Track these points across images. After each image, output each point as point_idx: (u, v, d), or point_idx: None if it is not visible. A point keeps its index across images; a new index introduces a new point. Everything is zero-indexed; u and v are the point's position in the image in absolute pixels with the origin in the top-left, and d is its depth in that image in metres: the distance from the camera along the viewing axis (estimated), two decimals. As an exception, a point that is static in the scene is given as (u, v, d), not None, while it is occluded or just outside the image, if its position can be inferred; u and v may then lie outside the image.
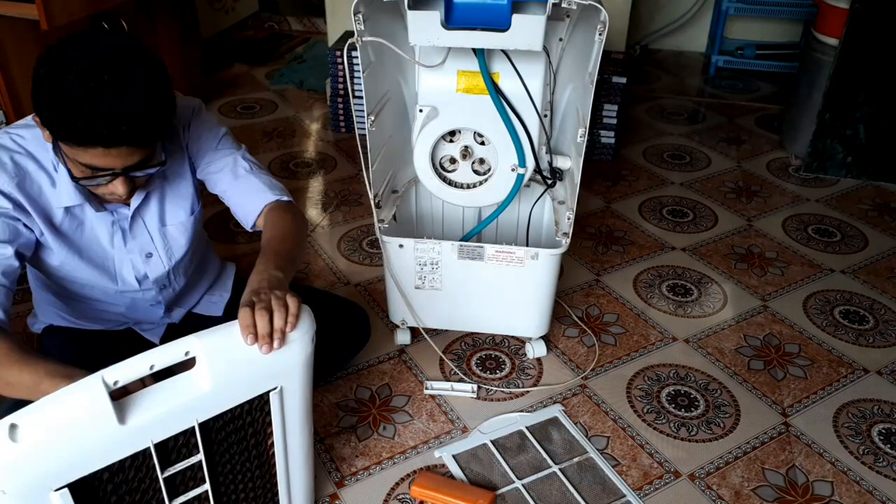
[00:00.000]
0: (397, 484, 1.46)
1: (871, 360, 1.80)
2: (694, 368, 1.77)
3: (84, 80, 1.04)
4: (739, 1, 3.39)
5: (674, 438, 1.58)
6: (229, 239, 2.23)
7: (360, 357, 1.76)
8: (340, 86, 2.79)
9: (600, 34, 1.37)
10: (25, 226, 1.22)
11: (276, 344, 1.05)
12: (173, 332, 1.55)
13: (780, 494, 1.45)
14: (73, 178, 1.16)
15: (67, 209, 1.25)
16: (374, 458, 1.51)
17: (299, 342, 1.08)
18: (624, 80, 2.57)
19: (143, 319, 1.50)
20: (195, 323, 1.58)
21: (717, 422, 1.62)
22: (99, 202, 1.28)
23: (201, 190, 1.42)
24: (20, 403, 1.18)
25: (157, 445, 1.00)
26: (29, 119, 1.24)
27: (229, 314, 1.60)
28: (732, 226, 2.35)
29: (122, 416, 0.95)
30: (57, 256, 1.28)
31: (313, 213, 2.39)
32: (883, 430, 1.60)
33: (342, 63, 2.72)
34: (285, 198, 1.37)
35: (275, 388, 1.09)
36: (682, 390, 1.70)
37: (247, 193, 1.37)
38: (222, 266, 1.63)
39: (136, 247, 1.35)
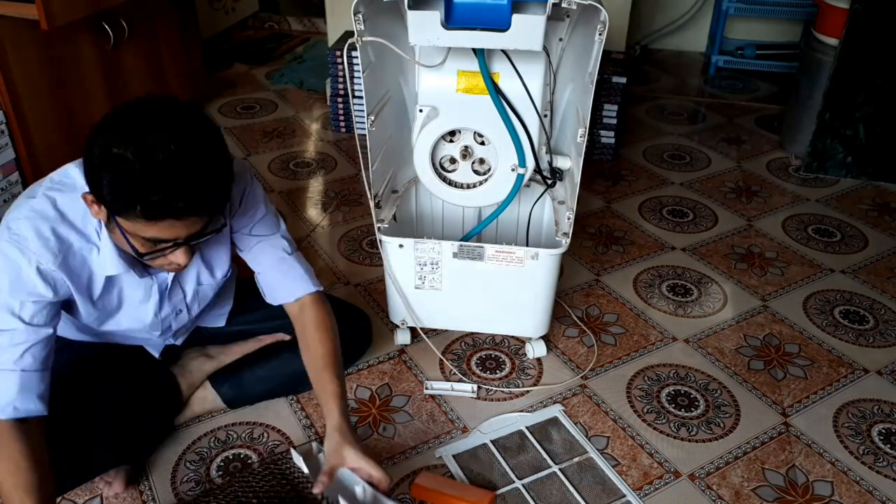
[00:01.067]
0: (397, 484, 1.46)
1: (871, 360, 1.80)
2: (694, 368, 1.77)
3: (151, 153, 1.01)
4: (739, 1, 3.39)
5: (674, 438, 1.58)
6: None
7: (360, 358, 1.76)
8: (340, 86, 2.79)
9: (600, 34, 1.37)
10: (61, 301, 1.21)
11: None
12: (172, 346, 1.56)
13: (780, 494, 1.45)
14: (138, 254, 1.14)
15: (108, 277, 1.24)
16: (374, 459, 1.51)
17: None
18: (624, 80, 2.57)
19: (147, 343, 1.52)
20: (196, 334, 1.58)
21: (717, 422, 1.62)
22: (143, 268, 1.27)
23: None
24: None
25: None
26: (61, 178, 1.19)
27: (231, 323, 1.62)
28: (732, 226, 2.35)
29: None
30: (85, 315, 1.29)
31: (313, 213, 2.39)
32: (883, 430, 1.60)
33: (342, 63, 2.72)
34: (320, 287, 1.43)
35: None
36: (682, 390, 1.70)
37: (286, 279, 1.40)
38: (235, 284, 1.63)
39: (170, 307, 1.38)
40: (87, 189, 1.11)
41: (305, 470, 1.35)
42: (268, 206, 1.39)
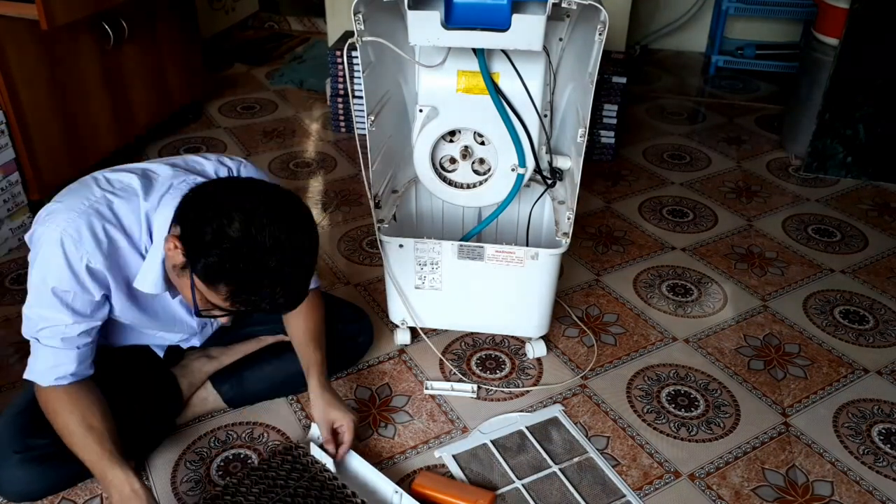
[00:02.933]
0: (397, 484, 1.45)
1: (871, 360, 1.80)
2: (694, 368, 1.77)
3: (284, 262, 1.10)
4: (739, 1, 3.39)
5: (674, 438, 1.58)
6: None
7: (360, 357, 1.76)
8: (340, 86, 2.80)
9: (600, 34, 1.37)
10: (105, 297, 1.26)
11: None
12: (175, 346, 1.56)
13: (780, 494, 1.45)
14: (196, 311, 1.19)
15: None
16: (374, 458, 1.51)
17: None
18: (624, 80, 2.57)
19: (159, 342, 1.53)
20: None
21: (717, 422, 1.62)
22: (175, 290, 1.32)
23: None
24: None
25: None
26: (121, 183, 1.24)
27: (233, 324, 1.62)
28: (732, 226, 2.35)
29: None
30: (124, 313, 1.32)
31: (313, 213, 2.38)
32: (883, 430, 1.60)
33: (342, 63, 2.72)
34: (317, 284, 1.55)
35: None
36: (682, 390, 1.70)
37: None
38: None
39: (200, 321, 1.44)
40: (156, 220, 1.21)
41: (331, 466, 1.39)
42: None
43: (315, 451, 1.42)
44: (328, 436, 1.43)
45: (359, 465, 1.44)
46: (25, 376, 1.26)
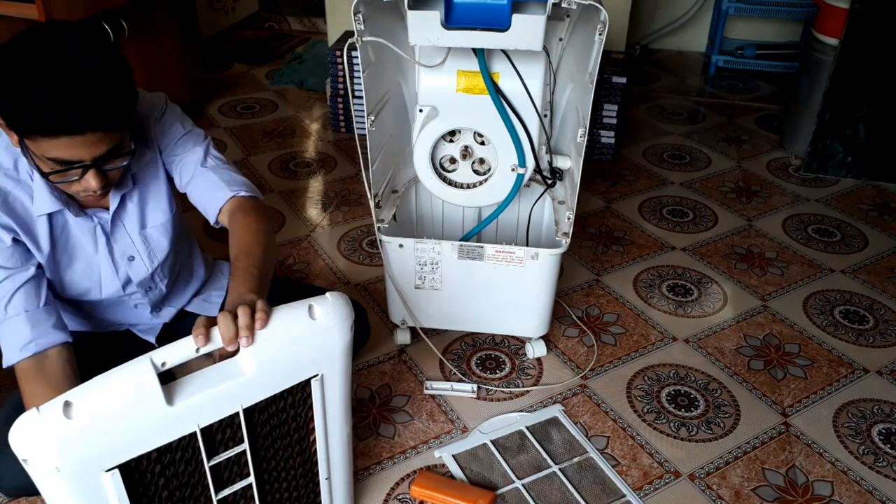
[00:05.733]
0: (397, 484, 1.46)
1: (871, 360, 1.80)
2: (694, 368, 1.77)
3: (41, 69, 1.03)
4: (739, 1, 3.39)
5: (674, 438, 1.58)
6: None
7: (360, 357, 1.76)
8: (340, 86, 2.80)
9: (600, 34, 1.37)
10: (16, 240, 1.21)
11: (243, 342, 1.02)
12: (168, 332, 1.55)
13: (780, 494, 1.45)
14: (43, 175, 1.14)
15: (50, 217, 1.24)
16: (374, 458, 1.51)
17: (338, 329, 1.08)
18: (624, 80, 2.57)
19: (133, 321, 1.51)
20: (191, 322, 1.57)
21: (717, 422, 1.62)
22: (78, 207, 1.27)
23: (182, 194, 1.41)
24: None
25: (203, 431, 1.01)
26: None
27: None
28: (732, 226, 2.35)
29: (170, 397, 0.96)
30: (45, 267, 1.28)
31: (313, 213, 2.39)
32: (883, 430, 1.60)
33: (342, 63, 2.72)
34: (247, 193, 1.32)
35: (316, 376, 1.10)
36: (682, 390, 1.70)
37: (209, 189, 1.33)
38: (214, 265, 1.63)
39: (119, 251, 1.36)
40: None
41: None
42: (186, 124, 1.36)
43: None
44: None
45: None
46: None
